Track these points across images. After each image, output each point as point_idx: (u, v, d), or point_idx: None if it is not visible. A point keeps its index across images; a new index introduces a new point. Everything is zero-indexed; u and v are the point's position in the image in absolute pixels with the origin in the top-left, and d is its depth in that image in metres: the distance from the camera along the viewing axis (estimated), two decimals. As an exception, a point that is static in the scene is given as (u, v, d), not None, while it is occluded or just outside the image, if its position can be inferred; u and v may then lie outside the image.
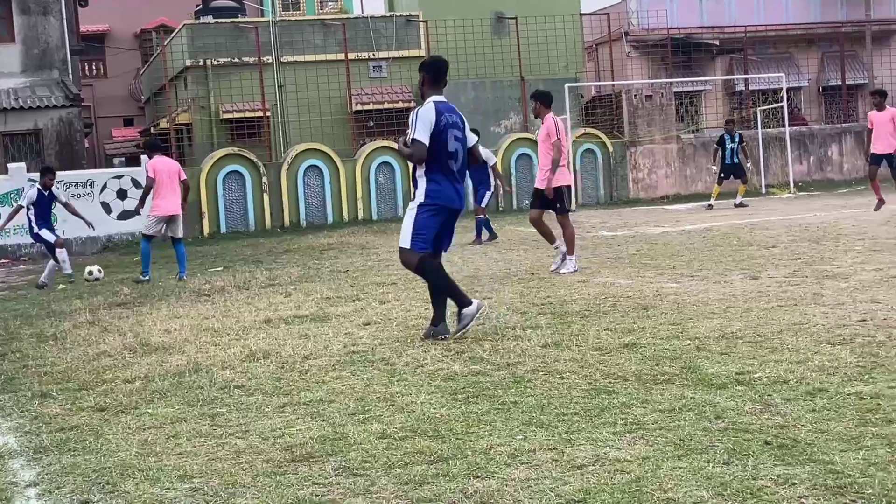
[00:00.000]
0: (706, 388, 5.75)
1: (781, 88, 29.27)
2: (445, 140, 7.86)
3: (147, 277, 14.66)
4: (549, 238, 12.54)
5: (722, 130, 24.82)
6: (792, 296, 8.97)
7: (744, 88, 32.25)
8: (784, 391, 5.54)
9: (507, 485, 4.27)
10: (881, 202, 18.26)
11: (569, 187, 12.59)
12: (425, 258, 7.96)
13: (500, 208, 26.35)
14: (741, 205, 23.08)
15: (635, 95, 29.04)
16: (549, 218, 12.49)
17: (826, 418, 4.95)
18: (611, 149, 28.43)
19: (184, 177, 15.35)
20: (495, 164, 18.77)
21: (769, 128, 29.78)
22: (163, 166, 14.95)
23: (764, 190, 28.11)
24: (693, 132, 31.11)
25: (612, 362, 6.63)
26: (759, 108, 29.67)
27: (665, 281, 10.68)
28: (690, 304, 8.92)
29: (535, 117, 12.97)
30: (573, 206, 14.91)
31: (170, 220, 15.02)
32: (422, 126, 7.80)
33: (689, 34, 32.16)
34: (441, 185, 7.94)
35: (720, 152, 23.59)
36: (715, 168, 24.42)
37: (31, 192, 15.69)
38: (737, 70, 32.56)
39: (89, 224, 16.08)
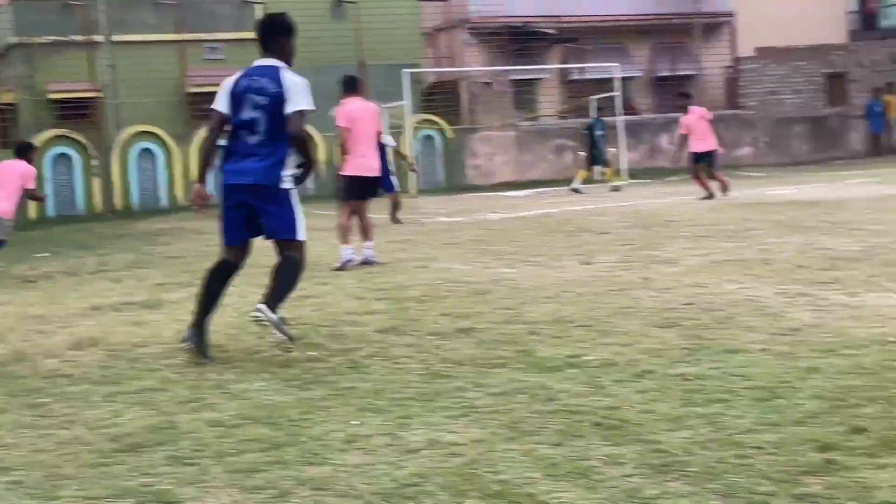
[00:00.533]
0: (539, 371, 5.84)
1: (615, 78, 29.97)
2: (239, 107, 6.77)
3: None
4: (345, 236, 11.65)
5: (589, 118, 25.53)
6: (623, 280, 9.20)
7: (579, 77, 32.89)
8: (613, 373, 5.68)
9: (341, 470, 4.24)
10: (710, 195, 18.91)
11: (368, 178, 11.67)
12: (221, 259, 7.03)
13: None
14: (576, 191, 23.65)
15: (474, 83, 29.31)
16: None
17: (653, 399, 5.08)
18: (450, 135, 28.62)
19: (30, 186, 13.14)
20: (395, 146, 18.40)
21: (604, 117, 30.45)
22: None
23: (598, 178, 28.74)
24: (530, 120, 31.58)
25: (448, 347, 6.67)
26: (593, 97, 30.34)
27: (502, 266, 10.82)
28: (526, 288, 9.06)
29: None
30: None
31: None
32: (220, 93, 6.87)
33: (527, 23, 32.61)
34: (228, 161, 6.88)
35: (589, 137, 24.15)
36: (583, 153, 25.06)
37: None
38: (572, 59, 33.19)
39: None
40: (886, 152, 33.10)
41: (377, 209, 13.58)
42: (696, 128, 19.51)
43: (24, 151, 13.52)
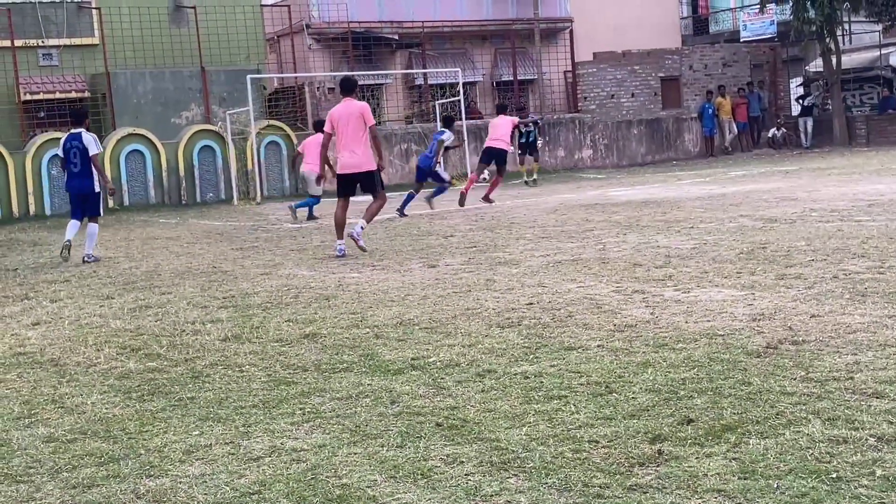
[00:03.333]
0: (383, 374, 5.87)
1: (458, 83, 30.28)
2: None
3: None
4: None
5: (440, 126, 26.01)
6: (466, 282, 9.31)
7: (423, 82, 33.11)
8: (456, 374, 5.75)
9: (181, 482, 4.19)
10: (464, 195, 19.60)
11: (350, 175, 13.01)
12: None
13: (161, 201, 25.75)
14: (534, 182, 25.44)
15: (318, 88, 29.18)
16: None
17: (494, 398, 5.17)
18: (295, 141, 28.41)
19: None
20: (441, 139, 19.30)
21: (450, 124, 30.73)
22: None
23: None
24: (375, 124, 31.60)
25: (292, 353, 6.64)
26: (437, 102, 30.58)
27: (347, 271, 10.81)
28: (371, 293, 9.08)
29: None
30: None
31: None
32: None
33: (369, 28, 32.64)
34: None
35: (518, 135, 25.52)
36: (512, 149, 25.80)
37: None
38: (416, 64, 33.39)
39: None
40: (718, 153, 34.34)
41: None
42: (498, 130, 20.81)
43: None
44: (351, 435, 4.70)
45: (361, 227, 12.87)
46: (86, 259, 13.22)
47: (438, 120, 29.42)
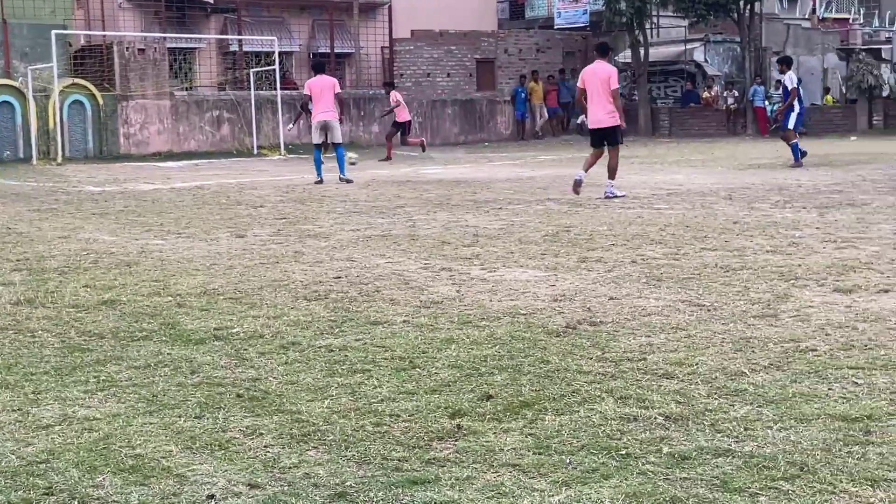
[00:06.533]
0: (184, 343, 5.75)
1: (274, 52, 29.86)
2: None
3: None
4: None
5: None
6: (275, 254, 9.21)
7: (238, 49, 32.50)
8: (259, 345, 5.68)
9: (-38, 450, 3.99)
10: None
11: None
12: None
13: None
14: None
15: (127, 48, 28.25)
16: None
17: (297, 370, 5.14)
18: (101, 101, 27.46)
19: None
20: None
21: (262, 90, 30.29)
22: None
23: (255, 151, 28.62)
24: (187, 89, 30.85)
25: (88, 319, 6.43)
26: (252, 70, 30.08)
27: (151, 238, 10.54)
28: (175, 260, 8.87)
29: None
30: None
31: None
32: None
33: (185, -10, 31.79)
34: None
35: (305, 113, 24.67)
36: (290, 127, 25.57)
37: None
38: (231, 31, 32.73)
39: None
40: (529, 137, 35.06)
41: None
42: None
43: None
44: (147, 404, 4.58)
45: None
46: None
47: (252, 88, 29.01)
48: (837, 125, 33.38)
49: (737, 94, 34.92)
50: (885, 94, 33.53)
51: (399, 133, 25.53)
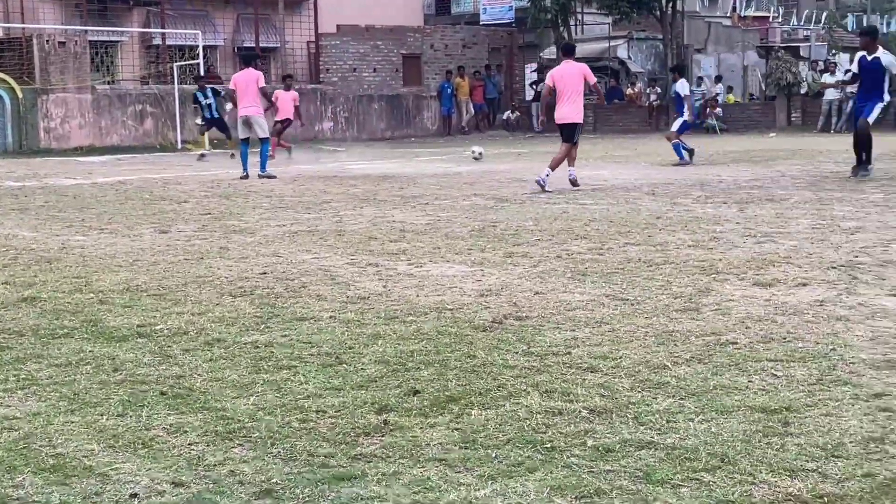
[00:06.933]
0: (107, 341, 5.68)
1: (198, 46, 29.55)
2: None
3: None
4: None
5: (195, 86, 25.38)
6: (199, 249, 9.13)
7: (161, 43, 32.10)
8: (184, 342, 5.63)
9: None
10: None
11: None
12: None
13: None
14: (202, 157, 23.92)
15: (47, 41, 27.74)
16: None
17: (222, 367, 5.10)
18: (20, 95, 26.95)
19: None
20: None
21: (186, 84, 29.95)
22: None
23: (180, 146, 28.30)
24: (109, 83, 30.39)
25: (8, 317, 6.31)
26: (175, 64, 29.75)
27: (73, 234, 10.37)
28: (97, 257, 8.75)
29: None
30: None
31: None
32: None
33: (106, -18, 31.32)
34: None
35: (199, 108, 24.27)
36: (199, 121, 24.87)
37: None
38: (154, 24, 32.32)
39: None
40: (455, 132, 35.14)
41: None
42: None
43: None
44: (69, 403, 4.52)
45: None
46: None
47: (176, 82, 28.69)
48: (757, 122, 33.95)
49: (659, 90, 35.36)
50: (803, 91, 34.14)
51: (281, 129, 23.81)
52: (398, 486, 3.55)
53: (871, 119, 15.05)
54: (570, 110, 14.92)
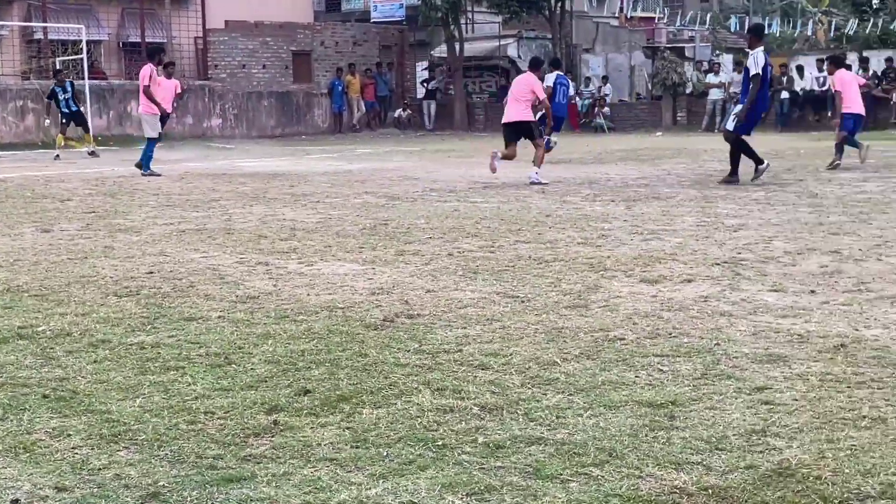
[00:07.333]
0: (-15, 343, 5.51)
1: (81, 40, 28.88)
2: None
3: None
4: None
5: (51, 82, 24.66)
6: (83, 249, 8.92)
7: (43, 37, 31.29)
8: (67, 344, 5.49)
9: None
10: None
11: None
12: None
13: None
14: (93, 153, 23.26)
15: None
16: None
17: (107, 369, 4.99)
18: None
19: None
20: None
21: (69, 79, 29.20)
22: None
23: (63, 143, 27.58)
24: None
25: None
26: (58, 59, 29.01)
27: (-51, 233, 10.05)
28: (-25, 257, 8.48)
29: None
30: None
31: None
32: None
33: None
34: None
35: (54, 104, 23.73)
36: (49, 121, 24.13)
37: None
38: (35, 17, 31.47)
39: None
40: (346, 130, 35.01)
41: None
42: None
43: None
44: (-55, 408, 4.37)
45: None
46: None
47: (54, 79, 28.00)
48: (644, 121, 34.56)
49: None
50: (688, 91, 34.85)
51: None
52: (288, 487, 3.51)
53: (729, 127, 14.64)
54: (512, 111, 15.44)
